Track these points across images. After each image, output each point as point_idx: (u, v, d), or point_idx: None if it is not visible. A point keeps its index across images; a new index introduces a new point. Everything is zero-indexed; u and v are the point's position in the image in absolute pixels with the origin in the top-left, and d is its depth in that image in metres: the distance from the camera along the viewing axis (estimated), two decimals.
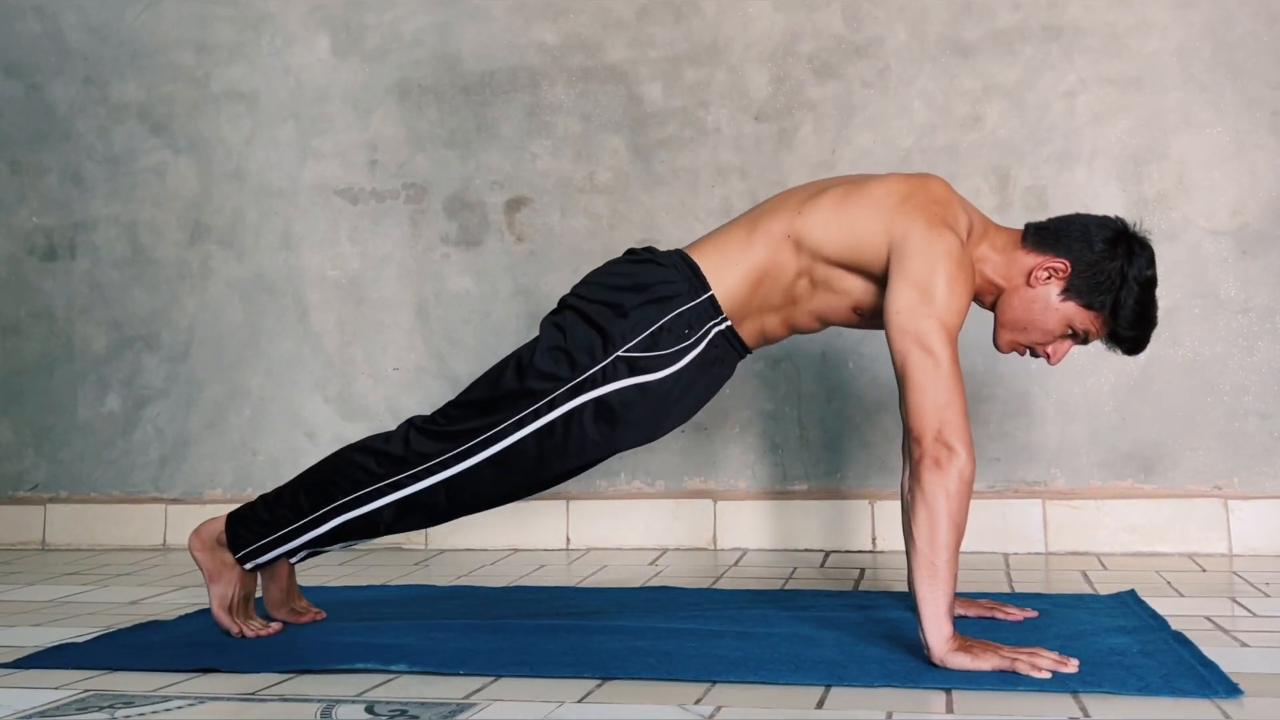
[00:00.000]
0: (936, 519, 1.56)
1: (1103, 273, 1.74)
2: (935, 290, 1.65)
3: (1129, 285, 1.74)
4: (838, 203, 1.78)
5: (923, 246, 1.68)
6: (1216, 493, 2.61)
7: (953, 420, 1.58)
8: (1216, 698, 1.39)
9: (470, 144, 3.04)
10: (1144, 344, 1.82)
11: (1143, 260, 1.76)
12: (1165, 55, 2.69)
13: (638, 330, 1.75)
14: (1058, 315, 1.77)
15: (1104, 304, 1.75)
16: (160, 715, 1.42)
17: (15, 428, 3.27)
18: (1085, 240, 1.76)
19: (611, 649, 1.68)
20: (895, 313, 1.66)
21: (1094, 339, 1.81)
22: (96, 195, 3.26)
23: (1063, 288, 1.76)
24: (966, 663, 1.50)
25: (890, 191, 1.76)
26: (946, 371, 1.61)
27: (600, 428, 1.77)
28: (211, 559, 1.89)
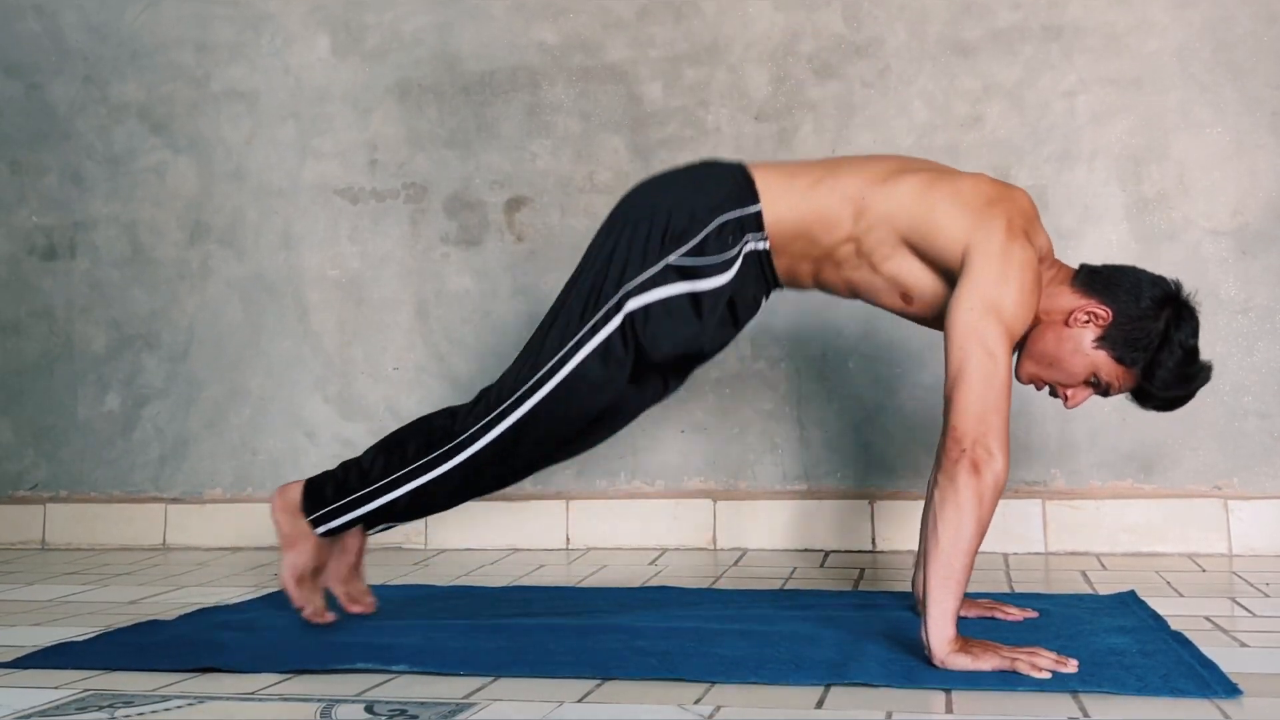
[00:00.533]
0: (965, 521, 1.54)
1: (1142, 330, 1.73)
2: (1008, 298, 1.64)
3: (1172, 348, 1.73)
4: (924, 186, 1.76)
5: (1004, 253, 1.66)
6: (1216, 493, 2.61)
7: (998, 426, 1.57)
8: (1216, 698, 1.39)
9: (470, 143, 3.04)
10: (1179, 405, 1.82)
11: (1189, 328, 1.75)
12: (1165, 55, 2.69)
13: (687, 236, 1.75)
14: (1086, 361, 1.76)
15: (1135, 360, 1.73)
16: (160, 715, 1.42)
17: (15, 427, 3.27)
18: (1134, 294, 1.74)
19: (611, 648, 1.68)
20: (966, 309, 1.63)
21: (1114, 393, 1.79)
22: (96, 195, 3.26)
23: (1099, 335, 1.74)
24: (967, 664, 1.50)
25: (979, 192, 1.74)
26: (1002, 378, 1.60)
27: (653, 338, 1.76)
28: (291, 524, 1.90)
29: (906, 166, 1.83)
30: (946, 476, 1.57)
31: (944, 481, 1.57)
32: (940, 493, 1.58)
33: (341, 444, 3.06)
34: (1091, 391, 1.80)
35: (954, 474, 1.56)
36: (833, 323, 2.79)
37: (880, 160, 1.86)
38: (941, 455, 1.60)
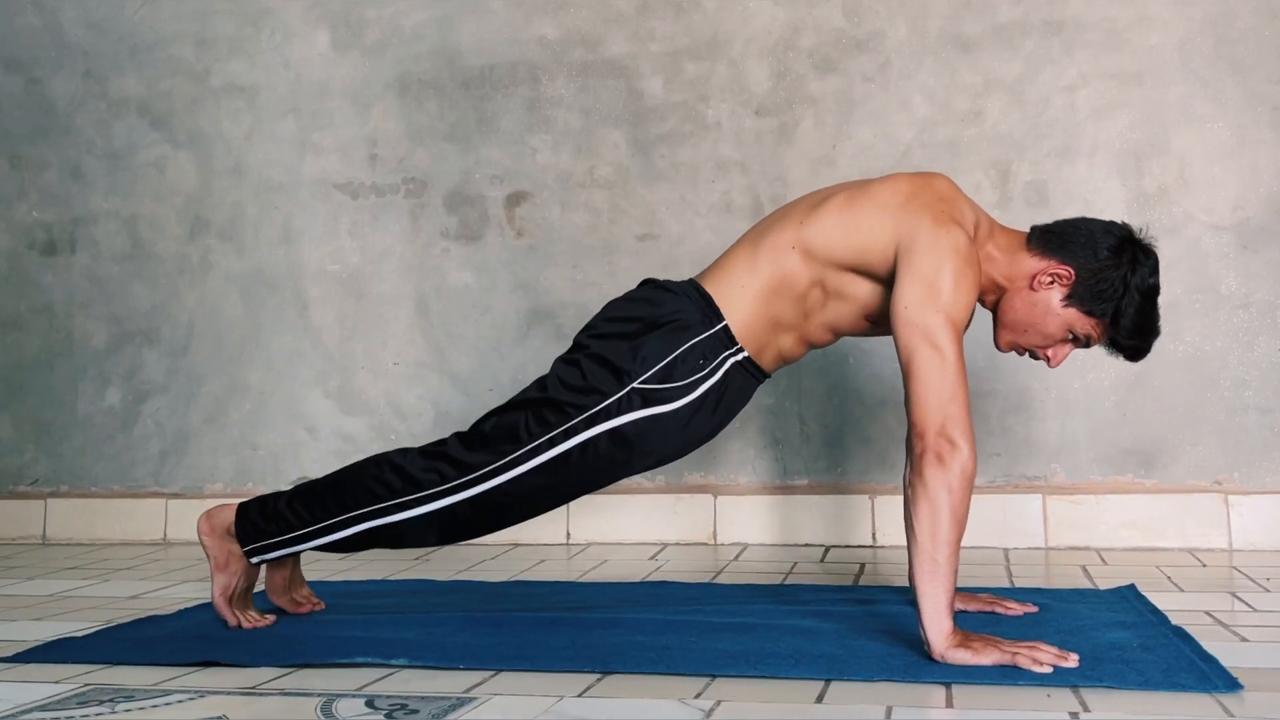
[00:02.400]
0: (938, 514, 1.55)
1: (1106, 280, 1.74)
2: (942, 286, 1.65)
3: (1130, 294, 1.74)
4: (842, 207, 1.77)
5: (930, 243, 1.67)
6: (1216, 488, 2.61)
7: (956, 415, 1.58)
8: (1217, 692, 1.39)
9: (470, 138, 3.04)
10: (1145, 352, 1.82)
11: (1145, 269, 1.75)
12: (1166, 50, 2.69)
13: (651, 363, 1.76)
14: (1059, 320, 1.77)
15: (1105, 311, 1.75)
16: (160, 709, 1.42)
17: (16, 422, 3.27)
18: (1090, 247, 1.75)
19: (612, 643, 1.68)
20: (903, 308, 1.65)
21: (1095, 343, 1.81)
22: (96, 190, 3.25)
23: (1065, 294, 1.75)
24: (967, 658, 1.50)
25: (895, 191, 1.76)
26: (952, 367, 1.61)
27: (615, 456, 1.78)
28: (220, 547, 1.90)
29: (824, 195, 1.84)
30: (915, 472, 1.59)
31: (914, 477, 1.59)
32: (912, 490, 1.60)
33: (342, 439, 3.06)
34: (1072, 347, 1.82)
35: (920, 469, 1.58)
36: None
37: (796, 204, 1.87)
38: (910, 452, 1.62)
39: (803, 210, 1.82)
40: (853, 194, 1.79)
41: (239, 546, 1.90)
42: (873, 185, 1.80)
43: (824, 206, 1.80)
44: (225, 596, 1.88)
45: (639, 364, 1.76)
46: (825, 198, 1.83)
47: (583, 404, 1.76)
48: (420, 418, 3.03)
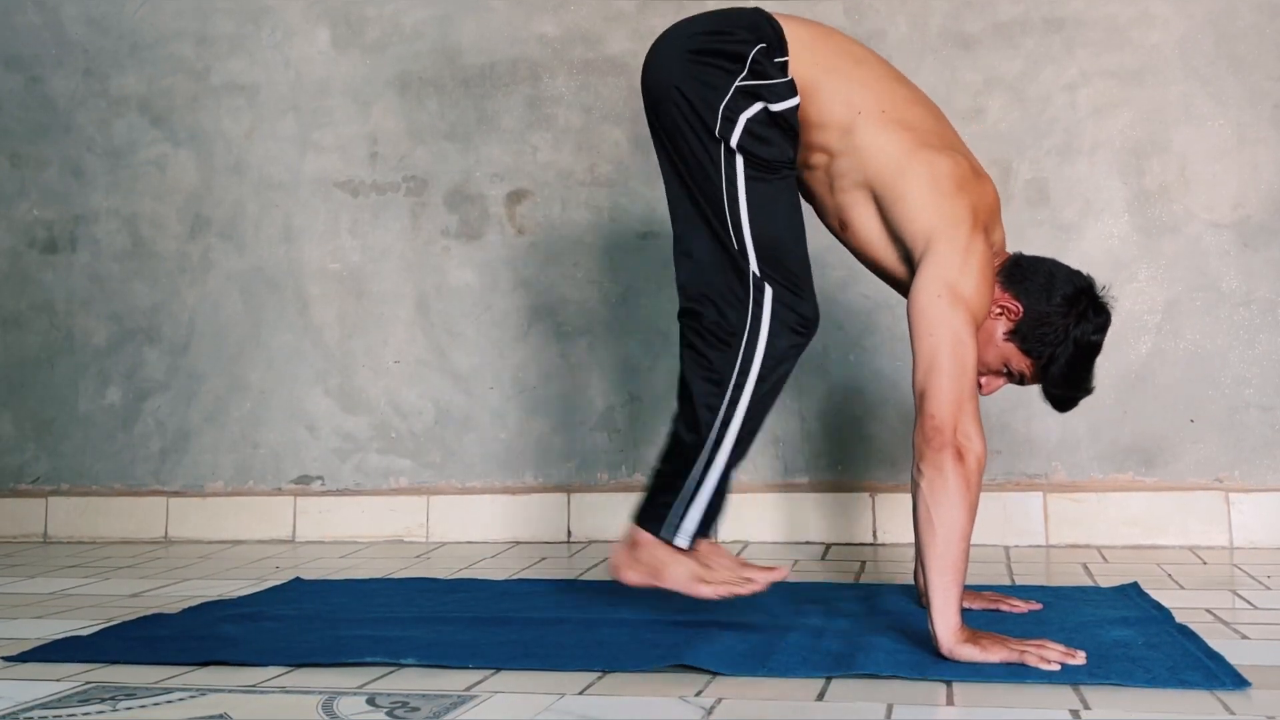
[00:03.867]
0: (957, 508, 1.55)
1: (1049, 325, 1.75)
2: (970, 286, 1.66)
3: (1067, 344, 1.75)
4: (910, 148, 1.73)
5: (967, 244, 1.67)
6: (1217, 485, 2.61)
7: (973, 411, 1.60)
8: (1223, 690, 1.39)
9: (471, 136, 3.04)
10: (1069, 405, 1.84)
11: (1090, 325, 1.76)
12: (1167, 48, 2.69)
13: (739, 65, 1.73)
14: (997, 352, 1.78)
15: (1040, 354, 1.76)
16: (162, 707, 1.42)
17: (16, 421, 3.27)
18: (1046, 290, 1.76)
19: (615, 641, 1.69)
20: (935, 295, 1.64)
21: (1029, 383, 1.82)
22: (97, 188, 3.25)
23: (1009, 329, 1.77)
24: (975, 655, 1.50)
25: (954, 175, 1.72)
26: (973, 364, 1.63)
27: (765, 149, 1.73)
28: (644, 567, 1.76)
29: (910, 110, 1.80)
30: (933, 466, 1.58)
31: (930, 471, 1.58)
32: (928, 484, 1.58)
33: (342, 437, 3.06)
34: (1005, 380, 1.83)
35: (940, 463, 1.57)
36: (834, 316, 2.79)
37: (896, 86, 1.82)
38: (921, 445, 1.60)
39: (890, 101, 1.77)
40: (921, 142, 1.75)
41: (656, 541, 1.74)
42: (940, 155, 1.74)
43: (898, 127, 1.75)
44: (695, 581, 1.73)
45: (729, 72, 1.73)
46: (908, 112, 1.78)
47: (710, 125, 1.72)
48: (421, 416, 3.03)
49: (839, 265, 1.91)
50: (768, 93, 1.74)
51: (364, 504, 3.02)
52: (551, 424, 2.96)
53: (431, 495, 2.99)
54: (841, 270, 2.64)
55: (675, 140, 1.78)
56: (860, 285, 2.68)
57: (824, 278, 2.67)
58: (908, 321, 1.68)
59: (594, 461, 2.93)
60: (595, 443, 2.93)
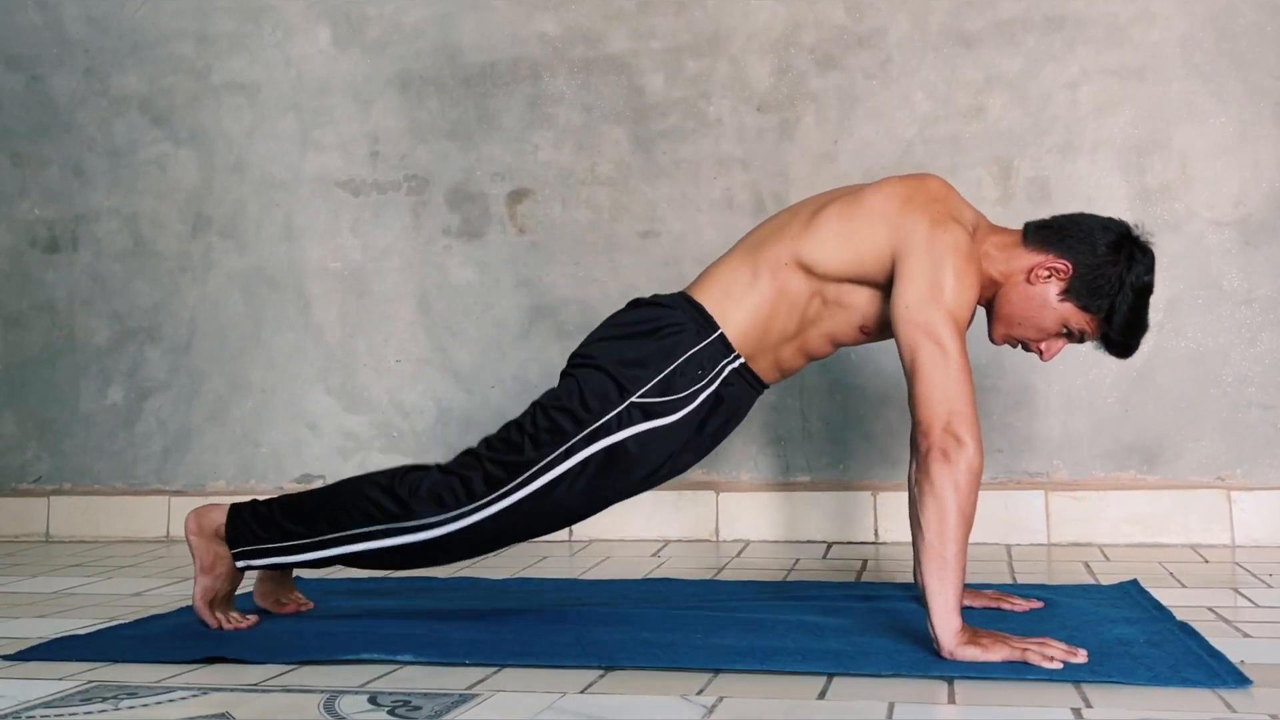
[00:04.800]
0: (945, 511, 1.55)
1: (1103, 277, 1.74)
2: (944, 283, 1.65)
3: (1125, 291, 1.74)
4: (838, 218, 1.76)
5: (929, 243, 1.67)
6: (1219, 484, 2.61)
7: (962, 412, 1.58)
8: (1225, 688, 1.39)
9: (471, 135, 3.04)
10: (1133, 350, 1.82)
11: (1141, 267, 1.75)
12: (1168, 45, 2.69)
13: (649, 376, 1.74)
14: (1055, 314, 1.77)
15: (1101, 307, 1.75)
16: (164, 706, 1.42)
17: (18, 420, 3.27)
18: (1089, 243, 1.75)
19: (615, 639, 1.68)
20: (904, 306, 1.65)
21: (1089, 339, 1.81)
22: (98, 187, 3.25)
23: (1062, 288, 1.75)
24: (976, 654, 1.50)
25: (889, 197, 1.75)
26: (956, 363, 1.61)
27: (614, 473, 1.75)
28: (207, 549, 1.86)
29: (818, 205, 1.82)
30: (921, 469, 1.58)
31: (919, 475, 1.59)
32: (918, 487, 1.59)
33: (344, 436, 3.06)
34: (1065, 342, 1.82)
35: (927, 466, 1.57)
36: None
37: (790, 216, 1.85)
38: (915, 449, 1.61)
39: (798, 224, 1.80)
40: (846, 203, 1.78)
41: (227, 549, 1.86)
42: (865, 193, 1.78)
43: (819, 219, 1.78)
44: (206, 600, 1.84)
45: (636, 379, 1.74)
46: (819, 208, 1.81)
47: (582, 420, 1.74)
48: (422, 415, 3.03)
49: None
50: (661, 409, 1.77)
51: None
52: None
53: None
54: None
55: None
56: None
57: None
58: None
59: None
60: None
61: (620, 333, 1.81)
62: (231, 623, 1.85)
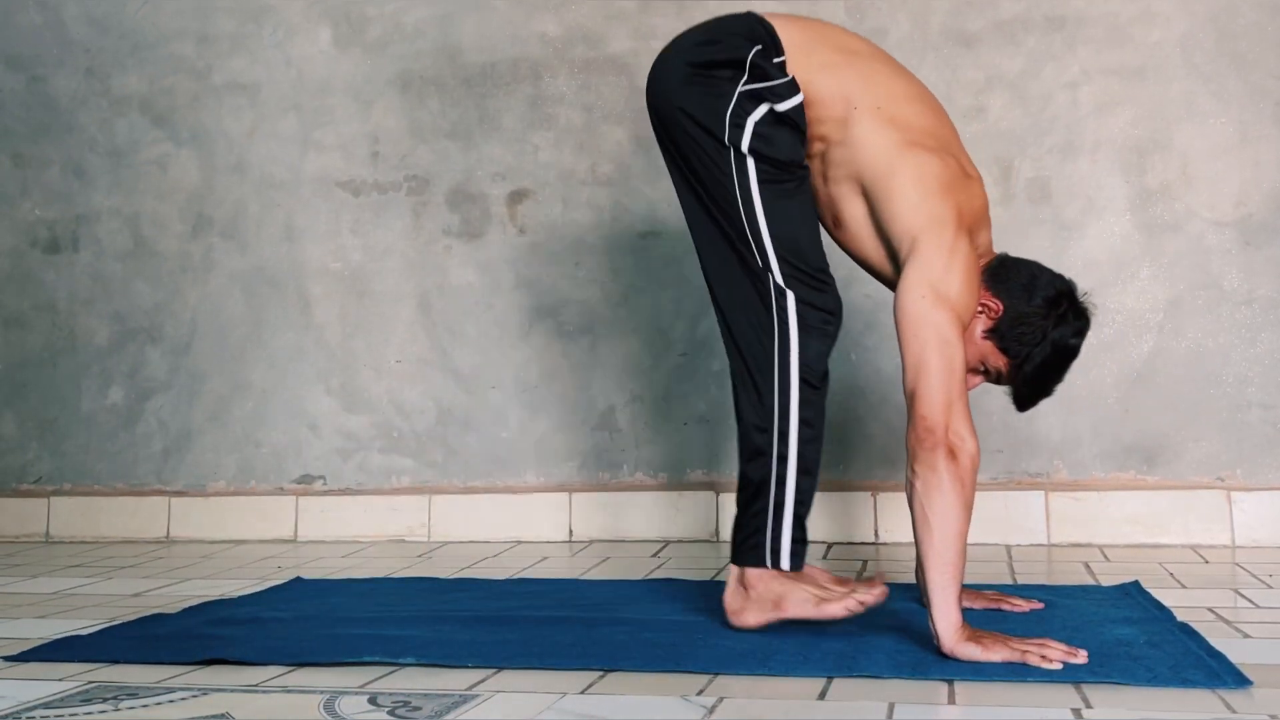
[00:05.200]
0: (952, 507, 1.57)
1: (1029, 326, 1.76)
2: (955, 287, 1.66)
3: (1044, 345, 1.76)
4: (901, 146, 1.74)
5: (952, 245, 1.68)
6: (1219, 484, 2.61)
7: (962, 410, 1.61)
8: (1225, 689, 1.39)
9: (472, 136, 3.04)
10: (1030, 405, 1.85)
11: (1069, 329, 1.77)
12: (1169, 46, 2.68)
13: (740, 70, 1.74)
14: (975, 349, 1.79)
15: (1017, 354, 1.77)
16: (164, 707, 1.42)
17: (19, 420, 3.27)
18: (1028, 290, 1.77)
19: (617, 640, 1.68)
20: (919, 298, 1.65)
21: (1005, 382, 1.82)
22: (98, 187, 3.26)
23: (989, 326, 1.78)
24: (977, 653, 1.50)
25: (942, 174, 1.73)
26: (961, 363, 1.64)
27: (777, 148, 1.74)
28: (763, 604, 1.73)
29: (906, 106, 1.80)
30: (926, 466, 1.59)
31: (924, 471, 1.59)
32: (923, 484, 1.59)
33: (344, 437, 3.06)
34: (982, 379, 1.84)
35: (933, 462, 1.58)
36: None
37: (894, 80, 1.82)
38: (915, 447, 1.61)
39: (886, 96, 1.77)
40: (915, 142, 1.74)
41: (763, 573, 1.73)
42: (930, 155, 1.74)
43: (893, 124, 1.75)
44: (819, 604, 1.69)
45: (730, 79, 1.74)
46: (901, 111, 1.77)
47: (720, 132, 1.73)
48: (423, 415, 3.03)
49: (841, 265, 1.91)
50: (770, 94, 1.74)
51: (366, 503, 3.02)
52: (553, 423, 2.96)
53: (433, 495, 2.99)
54: (843, 270, 2.62)
55: (688, 156, 1.79)
56: (862, 285, 2.67)
57: None
58: (895, 324, 1.69)
59: (596, 461, 2.93)
60: (597, 442, 2.93)
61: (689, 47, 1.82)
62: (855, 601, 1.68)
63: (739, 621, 1.74)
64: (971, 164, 1.84)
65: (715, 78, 1.76)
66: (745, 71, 1.74)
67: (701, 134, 1.76)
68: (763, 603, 1.73)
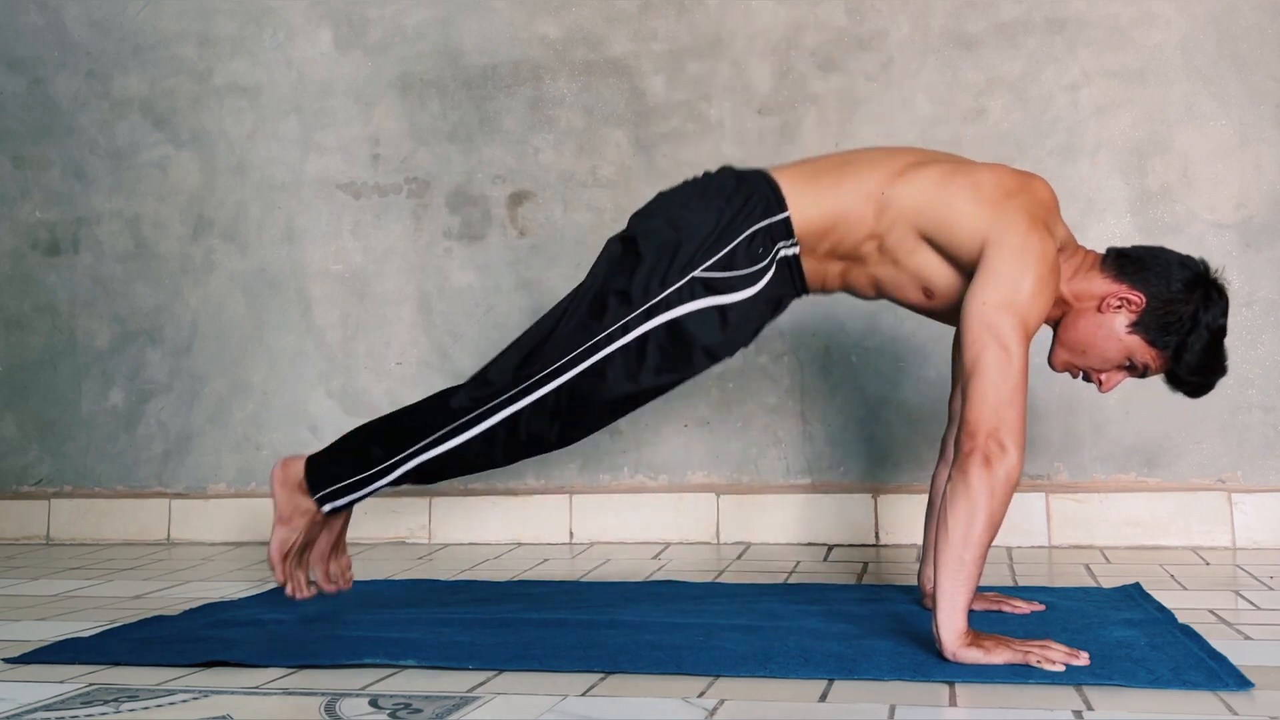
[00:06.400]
0: (976, 515, 1.54)
1: (1175, 314, 1.72)
2: (1024, 290, 1.64)
3: (1199, 331, 1.72)
4: (942, 179, 1.75)
5: (1021, 246, 1.66)
6: (1220, 486, 2.61)
7: (1011, 421, 1.57)
8: (1227, 690, 1.39)
9: (473, 138, 3.04)
10: (1207, 389, 1.80)
11: (1218, 309, 1.74)
12: (1169, 48, 2.69)
13: (715, 249, 1.74)
14: (1121, 346, 1.75)
15: (1169, 344, 1.73)
16: (165, 709, 1.42)
17: (19, 422, 3.27)
18: (1165, 277, 1.73)
19: (618, 642, 1.68)
20: (981, 303, 1.63)
21: (1152, 374, 1.79)
22: (99, 189, 3.26)
23: (1132, 320, 1.73)
24: (978, 657, 1.50)
25: (998, 184, 1.73)
26: (1017, 371, 1.59)
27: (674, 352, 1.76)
28: (288, 500, 1.93)
29: (924, 159, 1.81)
30: (959, 469, 1.57)
31: (956, 474, 1.57)
32: (952, 486, 1.57)
33: None
34: (1126, 375, 1.80)
35: (966, 467, 1.56)
36: (836, 317, 2.79)
37: (898, 154, 1.84)
38: (957, 449, 1.60)
39: (902, 164, 1.78)
40: (954, 170, 1.77)
41: (308, 499, 1.93)
42: (976, 169, 1.77)
43: (923, 170, 1.76)
44: (282, 551, 1.93)
45: (701, 252, 1.74)
46: (926, 161, 1.79)
47: (644, 293, 1.75)
48: None
49: None
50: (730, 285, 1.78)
51: (366, 505, 3.01)
52: None
53: (434, 497, 2.99)
54: None
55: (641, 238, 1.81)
56: None
57: None
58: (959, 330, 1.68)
59: (596, 463, 2.93)
60: (597, 444, 2.93)
61: (684, 199, 1.82)
62: (295, 584, 1.93)
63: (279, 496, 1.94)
64: (1022, 171, 1.82)
65: None
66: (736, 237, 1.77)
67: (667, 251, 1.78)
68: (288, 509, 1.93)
